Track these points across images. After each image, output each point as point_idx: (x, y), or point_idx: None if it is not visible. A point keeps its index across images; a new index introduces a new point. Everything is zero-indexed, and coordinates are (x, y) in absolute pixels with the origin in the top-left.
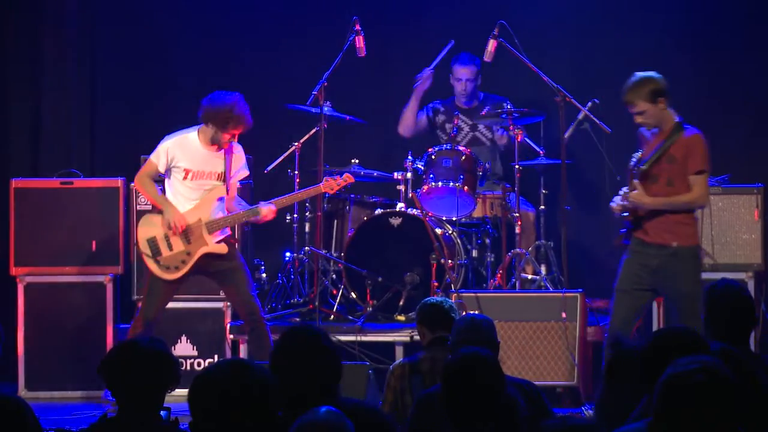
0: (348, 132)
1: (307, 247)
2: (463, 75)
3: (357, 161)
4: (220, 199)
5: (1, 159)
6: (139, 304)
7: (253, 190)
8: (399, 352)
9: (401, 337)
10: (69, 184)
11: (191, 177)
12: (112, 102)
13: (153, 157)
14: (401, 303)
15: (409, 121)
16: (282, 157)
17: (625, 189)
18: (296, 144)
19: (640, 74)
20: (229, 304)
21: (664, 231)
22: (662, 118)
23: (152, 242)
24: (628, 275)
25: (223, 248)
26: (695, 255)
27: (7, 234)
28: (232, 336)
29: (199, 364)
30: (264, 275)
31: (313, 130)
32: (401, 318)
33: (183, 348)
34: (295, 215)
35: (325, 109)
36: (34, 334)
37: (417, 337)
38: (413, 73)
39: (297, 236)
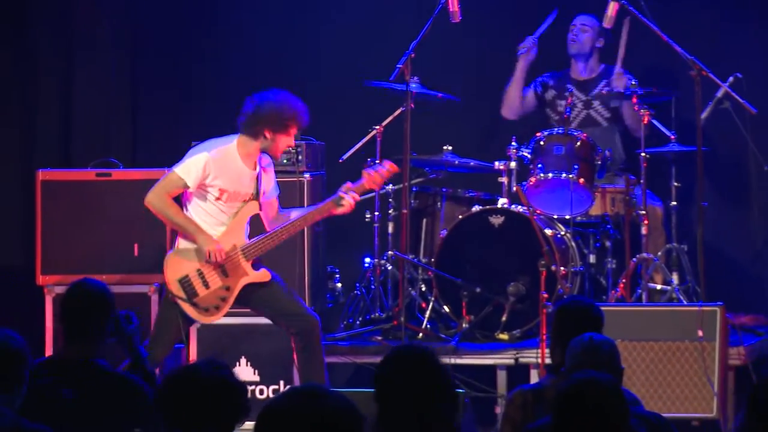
0: (439, 113)
1: (390, 252)
2: (579, 21)
3: (450, 148)
4: (251, 218)
5: (25, 146)
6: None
7: (325, 184)
8: (501, 377)
9: (504, 359)
10: (106, 176)
11: (226, 198)
12: (157, 81)
13: (181, 170)
14: (504, 318)
15: (513, 100)
16: (360, 144)
17: None
18: (377, 128)
19: None
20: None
21: None
22: None
23: (185, 282)
24: None
25: (265, 275)
26: None
27: (33, 236)
28: None
29: (261, 392)
30: (339, 285)
31: (398, 111)
32: (504, 336)
33: (242, 372)
34: (377, 213)
35: (412, 85)
36: None
37: (523, 360)
38: (516, 41)
39: (378, 238)
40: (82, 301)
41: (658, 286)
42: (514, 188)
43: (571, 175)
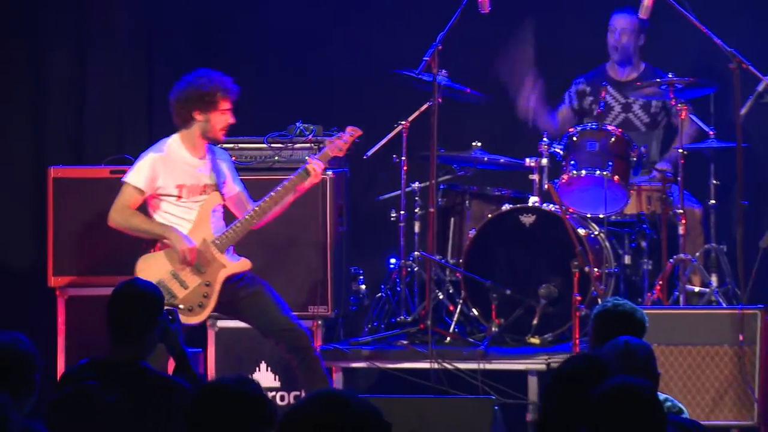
0: (468, 108)
1: (416, 252)
2: (619, 24)
3: (479, 144)
4: (215, 210)
5: (35, 142)
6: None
7: (349, 180)
8: (532, 383)
9: (535, 364)
10: (121, 173)
11: (186, 194)
12: (173, 74)
13: (131, 177)
14: (535, 322)
15: (547, 127)
16: (385, 140)
17: None
18: (403, 123)
19: None
20: (319, 323)
21: None
22: None
23: (162, 286)
24: None
25: (245, 264)
26: None
27: (44, 236)
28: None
29: (282, 398)
30: (363, 287)
31: (425, 106)
32: (535, 341)
33: (262, 378)
34: (402, 212)
35: (440, 79)
36: (79, 358)
37: (555, 365)
38: (549, 31)
39: (404, 238)
40: (129, 301)
41: (696, 289)
42: (546, 186)
43: (605, 172)
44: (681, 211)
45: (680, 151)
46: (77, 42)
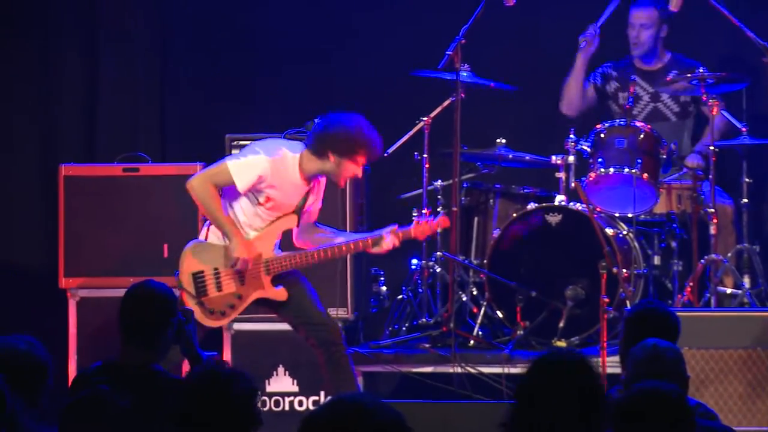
0: (492, 104)
1: (439, 253)
2: (637, 20)
3: (503, 141)
4: (284, 232)
5: (47, 139)
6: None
7: (369, 179)
8: None
9: None
10: (134, 172)
11: (271, 207)
12: (188, 70)
13: (236, 168)
14: (561, 325)
15: (573, 95)
16: (407, 136)
17: None
18: (425, 119)
19: None
20: (339, 325)
21: None
22: None
23: (199, 278)
24: None
25: (281, 295)
26: None
27: (55, 236)
28: None
29: (301, 403)
30: (384, 288)
31: (447, 102)
32: (561, 344)
33: (280, 382)
34: (424, 211)
35: (463, 74)
36: (90, 361)
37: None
38: (576, 25)
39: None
40: (142, 303)
41: (728, 290)
42: (573, 184)
43: (634, 170)
44: (712, 209)
45: (711, 148)
46: (90, 38)
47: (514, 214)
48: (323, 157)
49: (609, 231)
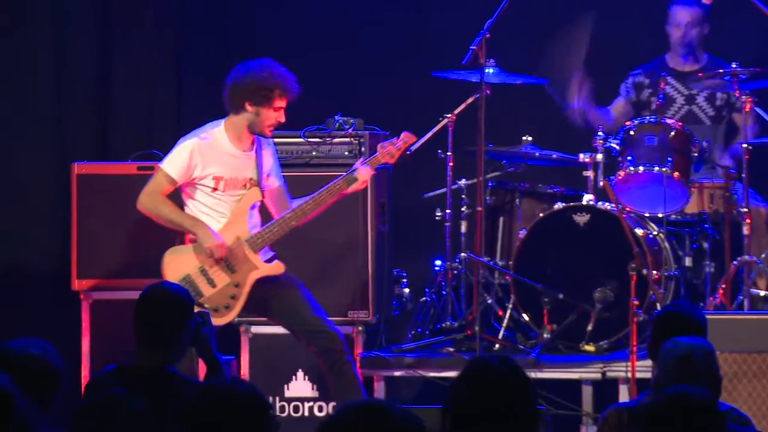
0: (518, 100)
1: (463, 254)
2: (683, 18)
3: (530, 139)
4: (253, 206)
5: (58, 137)
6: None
7: (391, 177)
8: (587, 393)
9: (590, 373)
10: (149, 170)
11: (223, 186)
12: (204, 65)
13: (166, 164)
14: (589, 328)
15: (600, 124)
16: (430, 134)
17: None
18: (449, 116)
19: None
20: (360, 329)
21: None
22: None
23: (188, 282)
24: None
25: (278, 267)
26: None
27: (68, 235)
28: (362, 371)
29: (320, 409)
30: (406, 291)
31: (471, 98)
32: (590, 348)
33: (299, 387)
34: (448, 211)
35: (488, 69)
36: (104, 362)
37: (611, 374)
38: (606, 15)
39: (450, 239)
40: (157, 305)
41: (762, 292)
42: (601, 183)
43: (664, 169)
44: (745, 209)
45: (744, 146)
46: (103, 33)
47: (541, 214)
48: (241, 110)
49: (639, 231)
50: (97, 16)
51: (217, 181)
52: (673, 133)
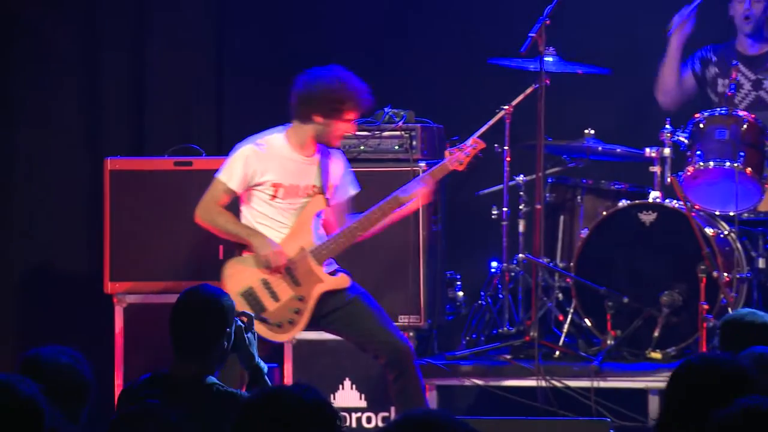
0: (580, 91)
1: (521, 255)
2: None
3: (592, 132)
4: (318, 215)
5: (90, 129)
6: None
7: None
8: (653, 403)
9: (657, 382)
10: (186, 166)
11: (283, 194)
12: (247, 54)
13: (223, 174)
14: (656, 334)
15: (668, 82)
16: (486, 127)
17: None
18: (506, 108)
19: None
20: (410, 335)
21: None
22: None
23: (250, 296)
24: None
25: (344, 280)
26: None
27: (101, 235)
28: None
29: (369, 420)
30: (460, 294)
31: (530, 89)
32: (656, 355)
33: (346, 397)
34: (505, 209)
35: (547, 58)
36: (138, 370)
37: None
38: (674, 2)
39: (507, 239)
40: (195, 311)
41: None
42: (669, 179)
43: (736, 164)
44: None
45: None
46: (138, 20)
47: (604, 213)
48: (308, 121)
49: (709, 231)
50: (133, 5)
51: (276, 188)
52: (745, 126)
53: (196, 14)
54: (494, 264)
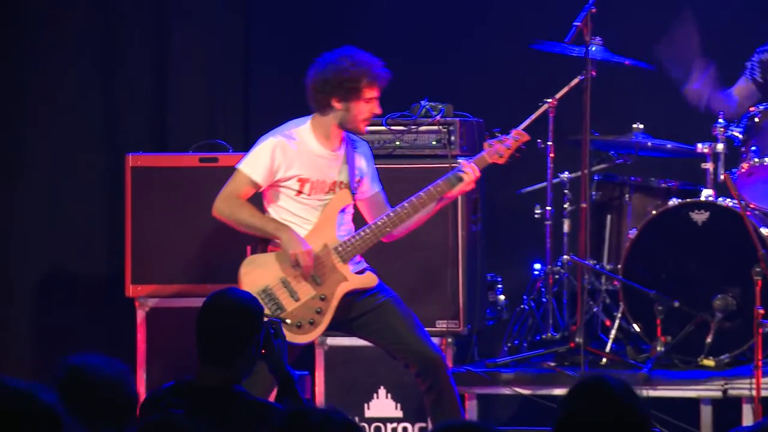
0: (628, 83)
1: (566, 256)
2: None
3: (641, 127)
4: (343, 211)
5: (111, 125)
6: None
7: (485, 171)
8: (706, 413)
9: (709, 391)
10: (212, 162)
11: (309, 189)
12: (275, 46)
13: (247, 166)
14: (709, 340)
15: (715, 110)
16: (528, 121)
17: None
18: (550, 101)
19: None
20: (449, 341)
21: None
22: None
23: (268, 294)
24: None
25: (370, 279)
26: None
27: (121, 236)
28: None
29: (405, 430)
30: (502, 298)
31: (575, 81)
32: (709, 363)
33: (381, 406)
34: (548, 208)
35: (593, 48)
36: (161, 377)
37: (733, 392)
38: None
39: (551, 240)
40: (221, 316)
41: None
42: (722, 176)
43: None
44: None
45: None
46: (161, 10)
47: (654, 212)
48: (328, 109)
49: (764, 231)
50: None
51: (302, 184)
52: None
53: (222, 8)
54: (537, 266)
